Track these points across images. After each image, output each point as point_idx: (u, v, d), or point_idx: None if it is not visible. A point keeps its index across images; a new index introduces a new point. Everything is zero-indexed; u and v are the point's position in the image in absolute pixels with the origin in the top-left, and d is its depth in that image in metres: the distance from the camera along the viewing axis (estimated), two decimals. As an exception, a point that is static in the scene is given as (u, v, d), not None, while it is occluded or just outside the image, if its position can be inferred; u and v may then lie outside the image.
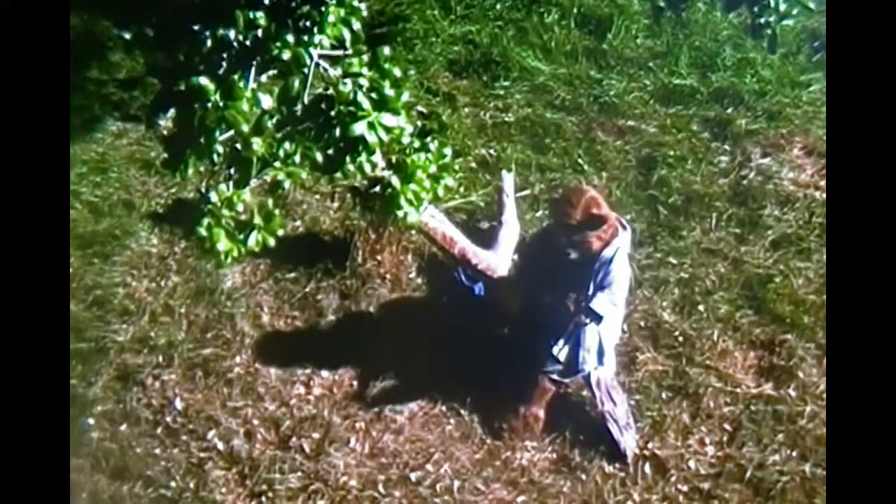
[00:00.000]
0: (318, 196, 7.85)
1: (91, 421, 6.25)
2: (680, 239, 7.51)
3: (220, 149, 4.48)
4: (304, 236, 7.56)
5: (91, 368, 6.48)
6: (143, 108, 8.32)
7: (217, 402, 6.43)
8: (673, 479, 6.16)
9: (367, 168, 4.76)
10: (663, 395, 6.56)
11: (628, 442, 6.25)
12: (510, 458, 6.27)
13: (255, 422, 6.37)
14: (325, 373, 6.65)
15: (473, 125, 8.50)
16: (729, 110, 8.59)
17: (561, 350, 6.19)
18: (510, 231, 7.32)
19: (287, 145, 4.50)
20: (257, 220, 4.61)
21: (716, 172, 8.06)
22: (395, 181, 5.06)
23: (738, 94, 8.71)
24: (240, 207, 4.51)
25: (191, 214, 7.53)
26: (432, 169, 5.06)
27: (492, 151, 8.19)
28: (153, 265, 7.27)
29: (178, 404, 6.41)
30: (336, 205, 7.79)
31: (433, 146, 5.04)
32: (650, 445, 6.30)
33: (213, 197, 4.54)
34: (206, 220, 4.55)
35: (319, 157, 4.60)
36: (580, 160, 8.10)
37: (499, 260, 7.05)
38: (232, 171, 4.55)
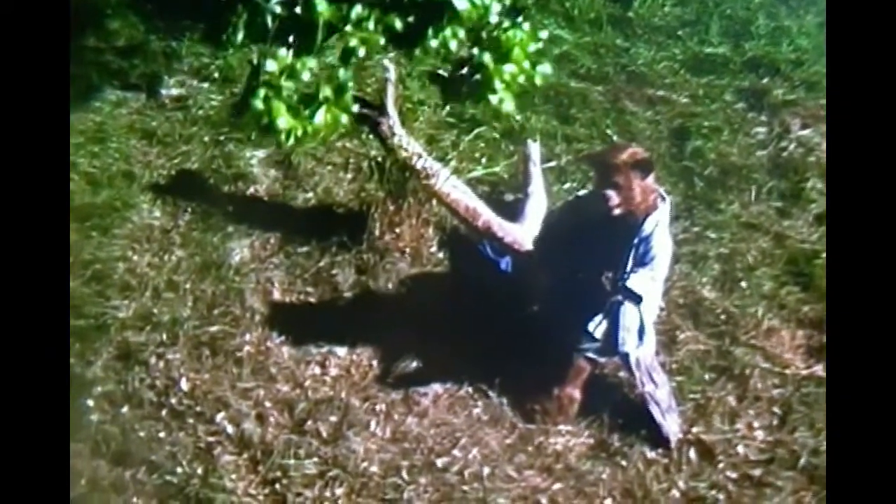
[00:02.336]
0: (330, 167, 7.44)
1: (90, 402, 5.82)
2: (718, 212, 7.14)
3: (278, 9, 3.84)
4: (316, 208, 7.19)
5: (90, 347, 6.05)
6: (144, 76, 8.00)
7: (226, 383, 6.01)
8: (721, 465, 5.75)
9: (453, 45, 4.13)
10: (707, 377, 6.15)
11: (671, 426, 5.84)
12: (544, 443, 5.85)
13: (268, 404, 5.95)
14: (341, 352, 6.22)
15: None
16: (765, 80, 8.25)
17: (598, 327, 5.79)
18: (537, 203, 6.92)
19: (359, 8, 3.82)
20: (326, 92, 3.95)
21: (753, 144, 7.69)
22: (488, 59, 4.41)
23: (774, 63, 8.37)
24: (305, 76, 3.86)
25: (196, 185, 7.33)
26: (531, 47, 4.39)
27: (515, 119, 7.73)
28: (156, 238, 6.87)
29: (184, 385, 5.99)
30: (350, 176, 7.37)
31: (526, 26, 4.36)
32: (694, 430, 5.89)
33: (271, 65, 3.89)
34: (262, 91, 3.92)
35: (398, 24, 3.92)
36: (608, 130, 7.72)
37: (526, 233, 6.64)
38: (292, 38, 3.87)
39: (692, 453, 5.79)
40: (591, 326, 5.79)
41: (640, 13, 8.99)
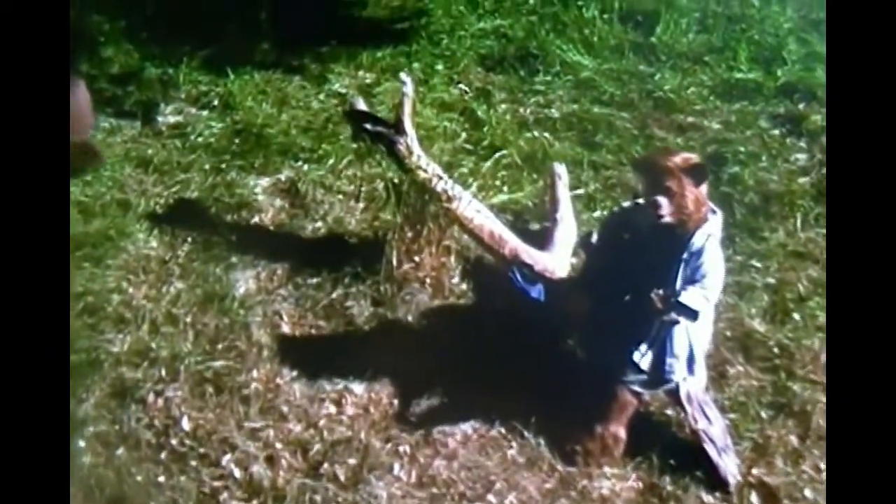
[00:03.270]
0: (340, 196, 6.93)
1: (82, 443, 5.22)
2: (762, 241, 6.67)
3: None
4: (326, 238, 6.69)
5: (82, 383, 5.47)
6: (139, 104, 7.60)
7: (232, 423, 5.44)
8: (787, 510, 5.17)
9: None
10: (763, 414, 5.59)
11: (728, 467, 5.28)
12: (587, 488, 5.27)
13: (279, 445, 5.37)
14: (358, 389, 5.66)
15: (513, 121, 7.62)
16: (801, 106, 7.75)
17: (644, 356, 5.24)
18: (567, 230, 6.42)
19: None
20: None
21: (794, 171, 7.24)
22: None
23: (810, 88, 7.98)
24: None
25: (196, 214, 6.81)
26: None
27: (536, 146, 7.28)
28: (152, 270, 6.35)
29: (186, 424, 5.41)
30: (362, 205, 6.86)
31: None
32: (755, 471, 5.32)
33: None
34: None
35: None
36: (638, 157, 7.20)
37: (556, 262, 6.15)
38: None
39: (754, 497, 5.21)
40: (636, 356, 5.25)
41: (662, 39, 8.62)
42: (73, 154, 4.59)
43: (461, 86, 8.08)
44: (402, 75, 6.22)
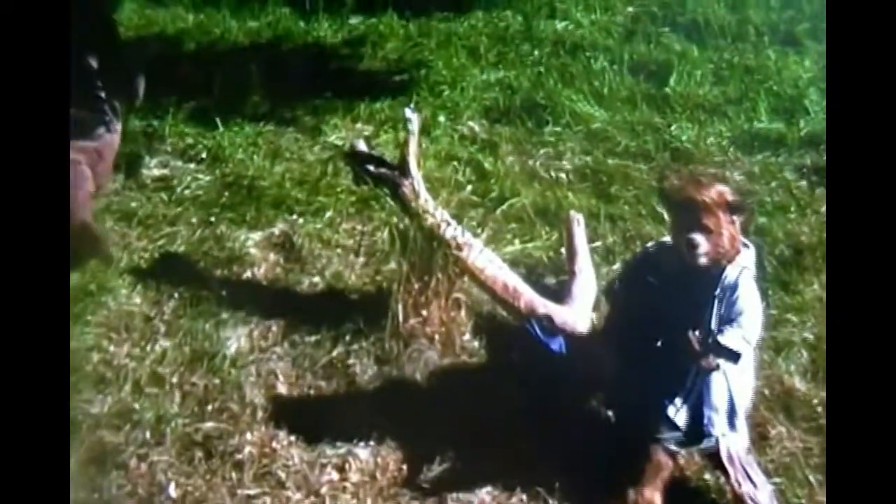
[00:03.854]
0: (339, 250, 6.56)
1: (57, 513, 4.75)
2: (795, 294, 6.28)
3: None
4: (325, 294, 6.29)
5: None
6: (122, 156, 7.16)
7: (224, 490, 5.01)
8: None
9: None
10: (812, 478, 5.15)
11: (777, 536, 4.85)
12: (620, 559, 4.82)
13: (277, 515, 4.92)
14: (363, 454, 5.24)
15: (522, 173, 7.28)
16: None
17: (679, 411, 4.85)
18: (586, 282, 6.05)
19: None
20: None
21: (826, 222, 6.82)
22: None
23: (835, 139, 7.56)
24: None
25: (183, 269, 6.43)
26: None
27: (549, 198, 6.94)
28: (136, 327, 5.94)
29: (173, 491, 4.97)
30: (363, 260, 6.48)
31: None
32: (807, 542, 4.88)
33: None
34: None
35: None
36: (659, 208, 6.85)
37: (576, 316, 5.78)
38: None
39: (808, 571, 4.77)
40: (670, 410, 4.86)
41: (676, 90, 8.33)
42: (72, 238, 4.53)
43: (464, 129, 7.73)
44: (407, 111, 5.91)
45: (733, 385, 4.87)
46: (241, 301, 6.12)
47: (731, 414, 4.90)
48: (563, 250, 6.38)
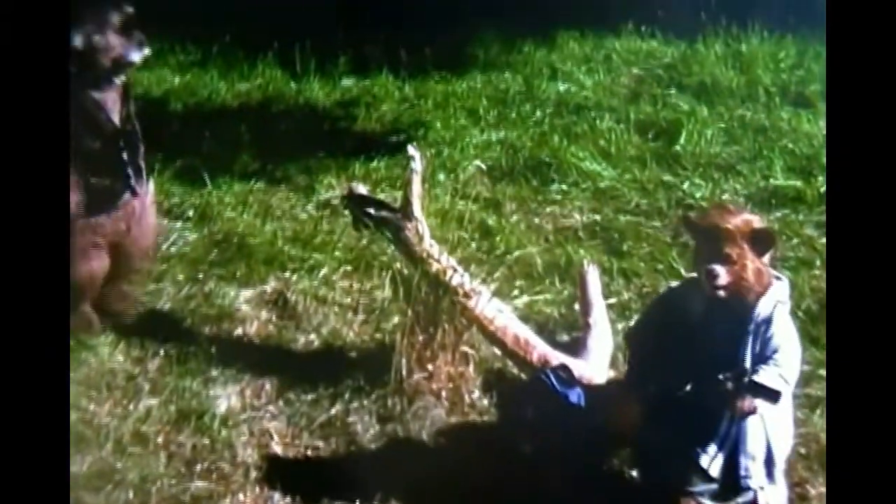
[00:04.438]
0: (336, 308, 6.28)
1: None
2: (825, 349, 5.96)
3: None
4: (321, 351, 5.99)
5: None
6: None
7: (215, 553, 4.64)
8: None
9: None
10: (856, 539, 4.81)
11: None
12: None
13: (275, 582, 4.57)
14: (367, 516, 4.88)
15: (529, 230, 7.03)
16: (848, 213, 7.20)
17: (714, 460, 4.53)
18: (602, 336, 5.77)
19: None
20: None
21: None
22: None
23: (856, 196, 7.37)
24: None
25: (169, 326, 6.13)
26: None
27: (557, 252, 6.71)
28: (118, 385, 5.64)
29: (159, 554, 4.61)
30: (362, 317, 6.20)
31: None
32: None
33: None
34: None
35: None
36: (675, 264, 6.63)
37: (593, 370, 5.50)
38: None
39: None
40: (703, 460, 4.53)
41: (687, 149, 8.11)
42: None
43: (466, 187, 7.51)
44: (410, 148, 5.66)
45: (771, 431, 4.57)
46: (232, 358, 5.83)
47: (769, 463, 4.59)
48: (576, 305, 6.10)
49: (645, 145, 8.25)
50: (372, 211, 5.64)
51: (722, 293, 4.45)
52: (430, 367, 5.55)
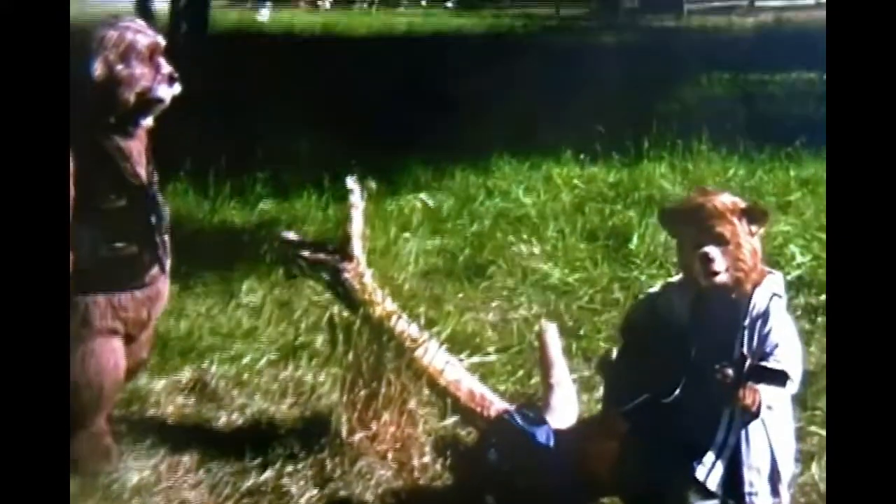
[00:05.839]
0: (260, 394, 5.89)
1: None
2: (814, 410, 5.72)
3: None
4: (247, 427, 5.57)
5: None
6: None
7: None
8: None
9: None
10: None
11: None
12: None
13: None
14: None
15: (476, 326, 6.72)
16: (821, 297, 7.07)
17: (711, 471, 4.13)
18: (565, 395, 5.44)
19: None
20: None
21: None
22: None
23: (823, 285, 7.27)
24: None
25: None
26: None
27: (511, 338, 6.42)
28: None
29: None
30: (291, 400, 5.81)
31: None
32: None
33: None
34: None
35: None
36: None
37: (559, 421, 5.13)
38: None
39: None
40: (699, 472, 4.13)
41: (640, 249, 7.94)
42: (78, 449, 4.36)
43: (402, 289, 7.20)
44: (349, 181, 5.38)
45: (774, 437, 4.21)
46: (144, 436, 5.36)
47: (774, 477, 4.21)
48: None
49: (594, 247, 8.03)
50: (307, 253, 5.33)
51: (721, 278, 4.15)
52: (373, 426, 5.12)
